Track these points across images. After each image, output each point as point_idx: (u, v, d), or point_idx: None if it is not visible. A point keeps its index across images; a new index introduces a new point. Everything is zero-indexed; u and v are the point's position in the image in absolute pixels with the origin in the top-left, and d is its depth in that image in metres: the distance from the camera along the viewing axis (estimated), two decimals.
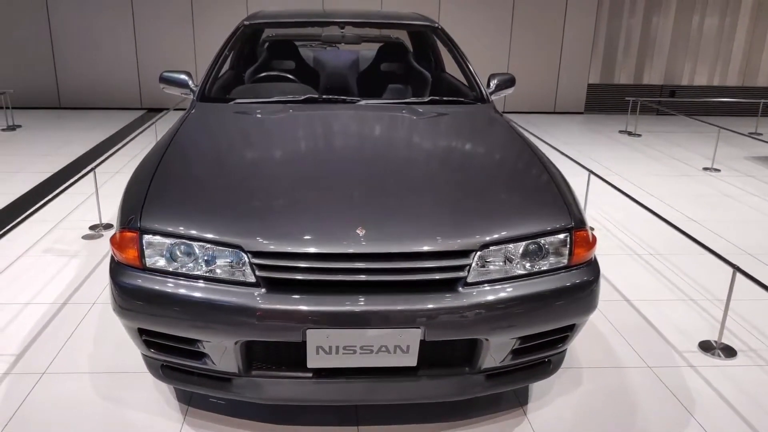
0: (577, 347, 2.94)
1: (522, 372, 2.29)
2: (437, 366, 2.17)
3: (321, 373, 2.12)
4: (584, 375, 2.74)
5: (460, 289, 2.05)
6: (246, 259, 2.02)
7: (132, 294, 2.07)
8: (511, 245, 2.13)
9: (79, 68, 8.58)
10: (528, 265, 2.16)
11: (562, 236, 2.19)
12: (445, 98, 3.51)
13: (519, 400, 2.55)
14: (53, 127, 7.57)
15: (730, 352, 2.94)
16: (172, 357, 2.16)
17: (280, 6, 8.06)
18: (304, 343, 2.00)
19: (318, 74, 4.37)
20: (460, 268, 2.06)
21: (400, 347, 2.03)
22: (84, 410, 2.43)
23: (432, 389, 2.18)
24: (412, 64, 4.35)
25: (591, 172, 4.48)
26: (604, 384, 2.68)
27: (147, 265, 2.09)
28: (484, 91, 3.55)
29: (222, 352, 2.06)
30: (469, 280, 2.07)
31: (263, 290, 2.01)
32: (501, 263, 2.12)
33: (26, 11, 8.29)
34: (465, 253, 2.06)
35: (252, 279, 2.02)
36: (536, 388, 2.63)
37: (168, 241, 2.09)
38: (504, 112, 9.21)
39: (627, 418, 2.46)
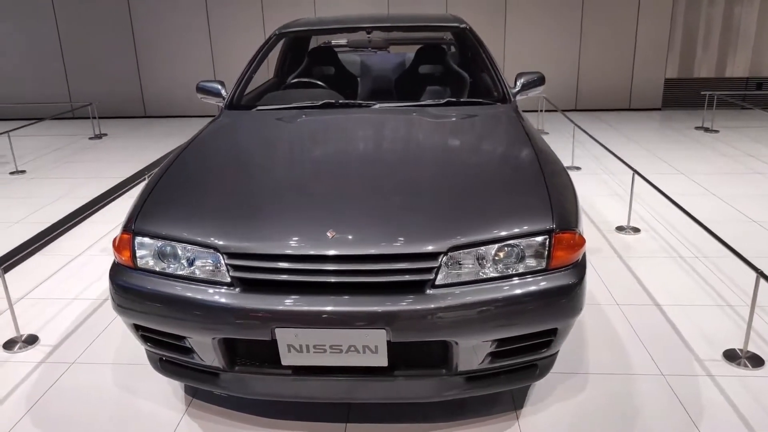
0: (589, 352, 2.86)
1: (505, 375, 2.26)
2: (415, 366, 2.20)
3: (300, 371, 2.20)
4: (590, 381, 2.66)
5: (428, 291, 2.07)
6: (222, 260, 2.14)
7: (125, 292, 2.24)
8: (482, 248, 2.12)
9: (161, 79, 9.16)
10: (502, 267, 2.13)
11: (540, 239, 2.15)
12: (461, 100, 3.49)
13: (514, 404, 2.52)
14: (136, 135, 8.12)
15: (756, 361, 2.76)
16: (165, 352, 2.32)
17: (343, 12, 8.26)
18: (275, 341, 2.09)
19: (356, 79, 4.46)
20: (427, 270, 2.07)
21: (369, 347, 2.07)
22: (101, 398, 2.64)
23: (409, 390, 2.20)
24: (450, 65, 4.35)
25: (635, 171, 4.29)
26: (609, 391, 2.59)
27: (138, 265, 2.25)
28: (506, 91, 3.51)
29: (205, 348, 2.18)
30: (438, 282, 2.08)
31: (237, 290, 2.11)
32: (472, 265, 2.12)
33: (113, 29, 8.95)
34: (432, 256, 2.07)
35: (227, 279, 2.13)
36: (535, 392, 2.59)
37: (156, 242, 2.24)
38: (573, 110, 9.01)
39: (623, 428, 2.37)
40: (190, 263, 2.19)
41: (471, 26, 4.09)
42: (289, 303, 2.05)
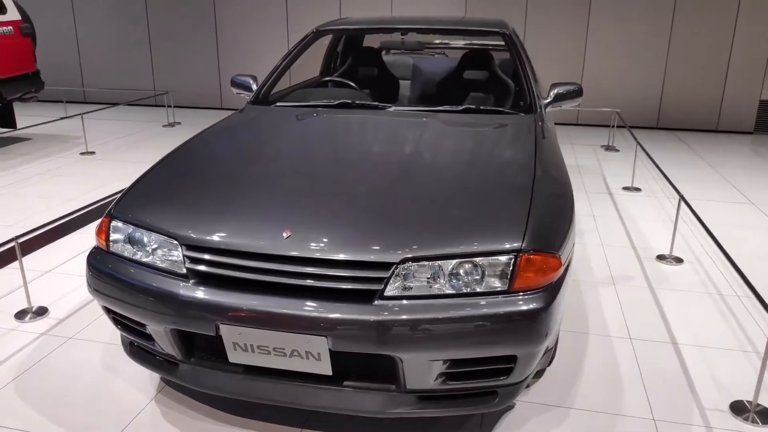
0: (580, 385, 2.66)
1: (461, 399, 2.15)
2: (365, 379, 2.12)
3: (251, 370, 2.18)
4: (570, 416, 2.47)
5: (375, 302, 1.99)
6: (181, 251, 2.15)
7: (97, 273, 2.30)
8: (439, 262, 2.01)
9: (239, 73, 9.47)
10: (461, 284, 2.02)
11: (504, 258, 2.02)
12: (480, 107, 3.36)
13: (480, 430, 2.38)
14: (207, 125, 8.40)
15: (766, 417, 2.47)
16: (131, 336, 2.36)
17: (421, 12, 8.20)
18: (221, 338, 2.08)
19: (396, 82, 4.40)
20: (376, 280, 2.00)
21: (311, 354, 2.02)
22: (82, 374, 2.73)
23: (355, 401, 2.13)
24: (495, 72, 4.21)
25: (682, 197, 3.98)
26: (586, 429, 2.40)
27: (111, 249, 2.31)
28: (534, 102, 3.34)
29: (161, 337, 2.20)
30: (387, 293, 1.99)
31: (189, 282, 2.11)
32: (427, 280, 2.02)
33: (199, 24, 9.35)
34: (383, 266, 2.00)
35: (183, 271, 2.14)
36: (507, 420, 2.44)
37: (128, 228, 2.29)
38: (654, 128, 8.50)
39: None
40: (154, 251, 2.22)
41: (515, 32, 3.94)
42: (232, 300, 2.03)
